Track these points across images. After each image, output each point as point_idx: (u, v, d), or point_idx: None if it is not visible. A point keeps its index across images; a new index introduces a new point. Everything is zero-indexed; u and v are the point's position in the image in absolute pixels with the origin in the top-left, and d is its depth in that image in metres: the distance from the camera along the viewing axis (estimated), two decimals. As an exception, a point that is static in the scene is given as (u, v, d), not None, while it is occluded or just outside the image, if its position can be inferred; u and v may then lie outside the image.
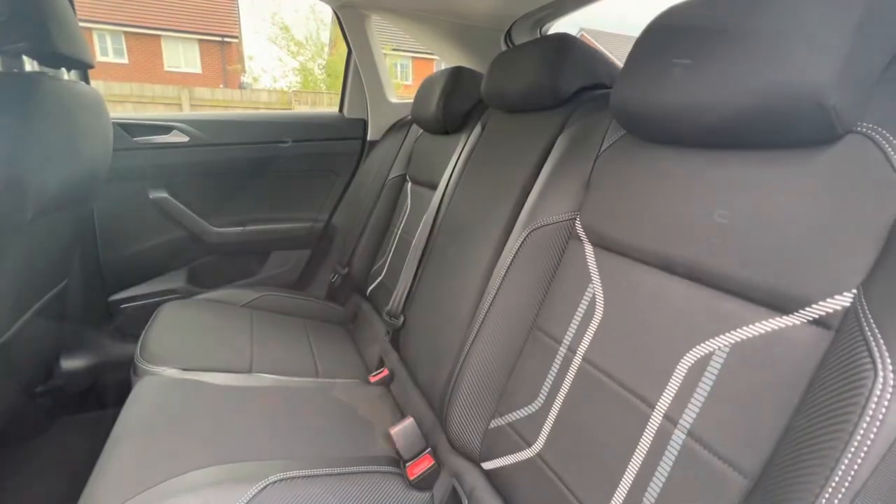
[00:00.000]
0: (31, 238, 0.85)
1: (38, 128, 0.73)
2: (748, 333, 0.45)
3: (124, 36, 12.87)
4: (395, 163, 1.45)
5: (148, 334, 1.00)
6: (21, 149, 0.70)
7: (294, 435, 0.78)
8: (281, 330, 1.21)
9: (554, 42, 0.79)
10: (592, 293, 0.63)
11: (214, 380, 0.89)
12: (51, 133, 0.77)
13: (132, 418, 0.74)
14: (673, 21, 0.54)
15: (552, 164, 0.75)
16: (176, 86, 8.33)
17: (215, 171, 1.41)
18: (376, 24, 1.48)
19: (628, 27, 32.18)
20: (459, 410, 0.74)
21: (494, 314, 0.73)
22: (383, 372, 1.07)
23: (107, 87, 7.72)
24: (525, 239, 0.72)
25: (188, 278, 1.44)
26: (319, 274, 1.60)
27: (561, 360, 0.64)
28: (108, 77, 11.13)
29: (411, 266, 1.08)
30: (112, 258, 1.33)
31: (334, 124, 1.54)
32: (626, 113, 0.58)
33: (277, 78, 12.38)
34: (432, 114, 1.17)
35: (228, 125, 1.41)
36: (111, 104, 4.66)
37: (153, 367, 0.90)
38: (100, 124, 0.98)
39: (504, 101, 0.93)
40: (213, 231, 1.42)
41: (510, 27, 1.39)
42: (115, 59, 13.02)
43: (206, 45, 13.62)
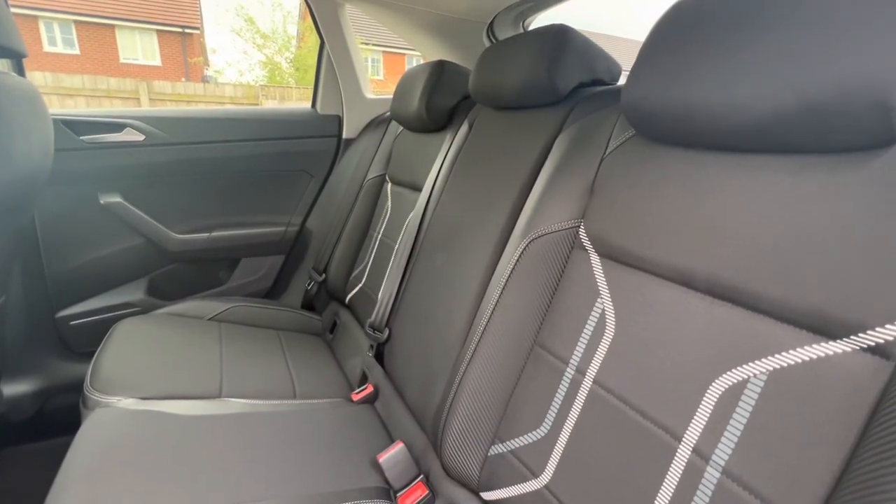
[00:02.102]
0: None
1: None
2: (788, 360, 0.40)
3: (74, 25, 12.09)
4: (374, 162, 1.37)
5: (99, 358, 0.89)
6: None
7: (271, 470, 0.70)
8: (253, 345, 1.11)
9: (552, 34, 0.73)
10: (602, 309, 0.58)
11: (178, 409, 0.79)
12: None
13: (78, 462, 0.64)
14: (698, 5, 0.48)
15: (552, 166, 0.70)
16: (133, 79, 7.88)
17: (176, 172, 1.29)
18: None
19: (620, 30, 32.43)
20: (455, 435, 0.67)
21: (492, 331, 0.66)
22: (367, 388, 1.00)
23: (56, 79, 7.23)
24: (525, 249, 0.66)
25: (148, 290, 1.31)
26: (294, 281, 1.50)
27: (569, 382, 0.58)
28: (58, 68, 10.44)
29: (395, 275, 1.01)
30: (58, 271, 1.20)
31: (307, 121, 1.44)
32: (640, 112, 0.53)
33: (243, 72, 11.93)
34: (414, 111, 1.09)
35: (189, 122, 1.29)
36: (61, 98, 4.34)
37: (105, 398, 0.80)
38: (37, 122, 0.86)
39: (495, 98, 0.86)
40: (175, 238, 1.30)
41: (492, 20, 1.32)
42: (66, 49, 12.23)
43: (166, 35, 12.97)
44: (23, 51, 0.82)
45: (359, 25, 9.42)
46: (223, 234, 1.37)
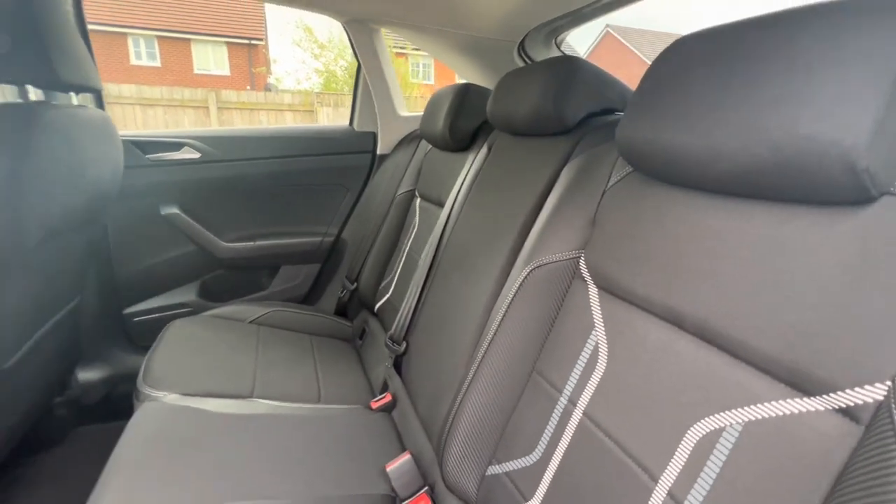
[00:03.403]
0: (40, 260, 0.86)
1: (39, 159, 0.74)
2: (764, 412, 0.40)
3: (157, 40, 13.32)
4: (405, 177, 1.43)
5: (152, 356, 1.01)
6: (21, 181, 0.70)
7: (290, 470, 0.76)
8: (287, 349, 1.20)
9: (560, 66, 0.75)
10: (595, 341, 0.59)
11: (213, 407, 0.88)
12: (52, 162, 0.77)
13: (127, 450, 0.73)
14: (688, 53, 0.49)
15: (557, 195, 0.71)
16: (204, 88, 8.54)
17: (226, 186, 1.41)
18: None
19: (657, 23, 31.20)
20: (456, 452, 0.70)
21: (493, 354, 0.69)
22: (386, 397, 1.05)
23: (139, 90, 7.99)
24: (527, 277, 0.68)
25: (199, 292, 1.45)
26: (329, 288, 1.59)
27: (561, 411, 0.60)
28: (141, 81, 11.53)
29: (415, 290, 1.06)
30: (126, 273, 1.35)
31: (344, 138, 1.53)
32: (632, 151, 0.54)
33: (301, 80, 12.56)
34: (440, 131, 1.14)
35: (239, 141, 1.41)
36: (143, 107, 4.83)
37: (154, 392, 0.90)
38: (108, 147, 0.99)
39: (509, 125, 0.89)
40: (223, 246, 1.43)
41: (523, 38, 1.34)
42: (149, 62, 13.49)
43: (234, 47, 13.96)
44: (99, 87, 0.94)
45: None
46: (266, 243, 1.48)
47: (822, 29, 0.36)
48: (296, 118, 8.94)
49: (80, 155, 0.86)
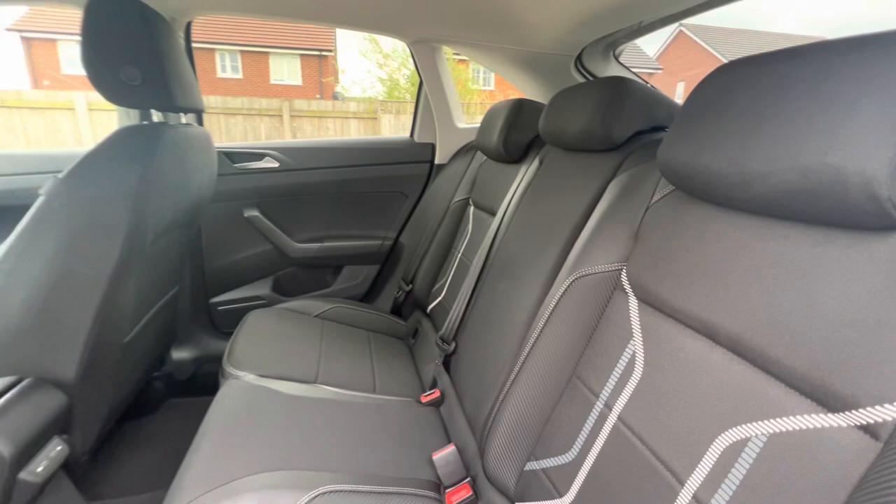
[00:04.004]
0: (153, 254, 1.03)
1: (159, 170, 0.89)
2: (789, 426, 0.42)
3: (240, 54, 14.56)
4: (460, 186, 1.50)
5: (235, 340, 1.15)
6: (145, 188, 0.85)
7: (346, 449, 0.85)
8: (346, 342, 1.31)
9: (609, 86, 0.78)
10: (633, 351, 0.62)
11: (283, 388, 1.00)
12: (167, 173, 0.92)
13: (215, 418, 0.86)
14: (728, 79, 0.51)
15: (602, 209, 0.74)
16: (278, 98, 9.22)
17: (299, 192, 1.57)
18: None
19: (733, 20, 28.88)
20: (497, 447, 0.76)
21: (534, 358, 0.73)
22: (435, 393, 1.12)
23: (223, 101, 8.78)
24: (569, 286, 0.72)
25: (273, 287, 1.61)
26: (386, 289, 1.70)
27: (597, 415, 0.63)
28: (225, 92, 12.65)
29: (465, 293, 1.12)
30: (214, 267, 1.54)
31: (404, 149, 1.63)
32: (672, 171, 0.56)
33: (366, 88, 13.12)
34: (494, 144, 1.20)
35: (312, 151, 1.56)
36: (226, 117, 5.40)
37: (236, 372, 1.04)
38: (206, 158, 1.15)
39: (560, 140, 0.93)
40: (294, 246, 1.58)
41: (581, 52, 1.37)
42: (232, 75, 14.77)
43: (306, 59, 14.91)
44: (202, 107, 1.11)
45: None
46: (331, 245, 1.62)
47: (852, 63, 0.38)
48: (360, 125, 9.36)
49: (186, 166, 1.01)
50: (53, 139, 7.12)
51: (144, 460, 1.27)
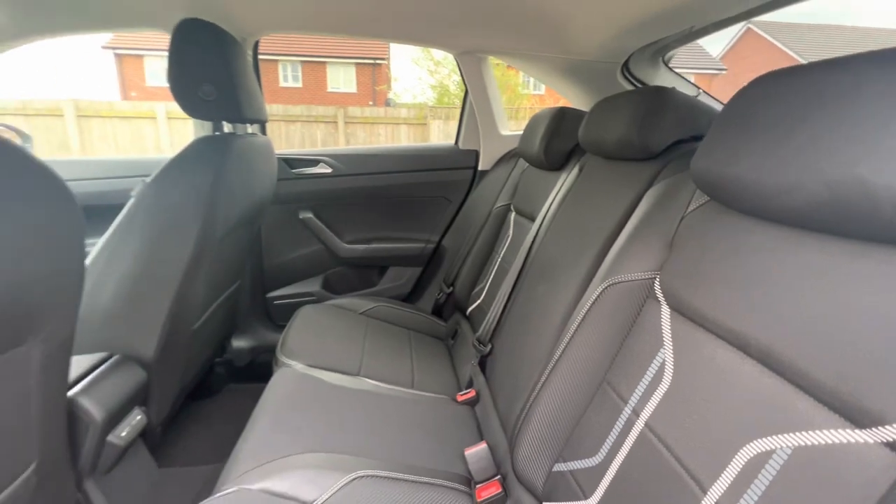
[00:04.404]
0: (219, 252, 1.15)
1: (228, 175, 0.99)
2: (815, 439, 0.41)
3: (301, 65, 15.39)
4: (502, 192, 1.53)
5: (288, 332, 1.25)
6: (216, 192, 0.96)
7: (383, 438, 0.91)
8: (389, 339, 1.37)
9: (647, 97, 0.78)
10: (663, 359, 0.62)
11: (329, 378, 1.07)
12: (235, 179, 1.03)
13: (269, 401, 0.95)
14: (764, 91, 0.51)
15: (637, 217, 0.75)
16: (334, 106, 9.66)
17: (350, 196, 1.67)
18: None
19: (805, 16, 26.64)
20: (526, 447, 0.78)
21: (565, 361, 0.75)
22: (470, 392, 1.15)
23: (285, 109, 9.33)
24: (602, 293, 0.73)
25: (322, 284, 1.72)
26: (428, 290, 1.76)
27: (624, 420, 0.64)
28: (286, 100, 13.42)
29: (503, 297, 1.15)
30: (271, 264, 1.67)
31: (449, 155, 1.68)
32: (705, 180, 0.57)
33: (416, 95, 13.41)
34: (535, 151, 1.22)
35: (362, 158, 1.65)
36: (287, 123, 5.87)
37: (288, 361, 1.13)
38: (268, 165, 1.26)
39: (599, 149, 0.94)
40: (343, 247, 1.68)
41: (627, 59, 1.35)
42: (293, 84, 15.64)
43: (361, 67, 15.49)
44: (265, 118, 1.21)
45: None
46: (377, 246, 1.70)
47: (888, 77, 0.38)
48: (409, 130, 9.59)
49: (251, 172, 1.12)
50: (138, 145, 7.89)
51: (206, 436, 1.40)
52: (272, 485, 0.73)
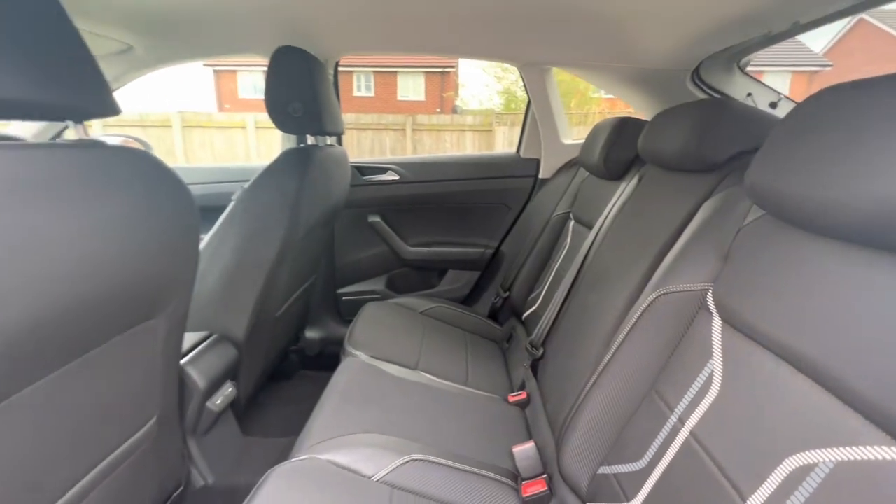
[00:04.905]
0: (300, 249, 1.29)
1: (311, 183, 1.13)
2: (857, 455, 0.42)
3: (373, 75, 16.17)
4: (562, 200, 1.55)
5: (355, 325, 1.37)
6: (300, 197, 1.09)
7: (436, 428, 0.98)
8: (445, 338, 1.45)
9: (707, 108, 0.78)
10: (711, 369, 0.63)
11: (390, 370, 1.17)
12: (316, 185, 1.16)
13: (336, 385, 1.06)
14: (822, 106, 0.51)
15: (693, 228, 0.75)
16: (402, 114, 10.04)
17: (415, 201, 1.77)
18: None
19: None
20: (572, 448, 0.80)
21: (613, 367, 0.77)
22: (522, 394, 1.19)
23: (357, 118, 9.87)
24: (653, 302, 0.74)
25: (386, 284, 1.84)
26: (485, 294, 1.81)
27: (669, 428, 0.65)
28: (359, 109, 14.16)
29: (557, 302, 1.17)
30: (342, 263, 1.82)
31: (510, 163, 1.73)
32: (758, 193, 0.57)
33: (483, 101, 13.53)
34: (595, 160, 1.23)
35: (428, 166, 1.75)
36: (359, 131, 6.32)
37: (354, 351, 1.24)
38: (344, 173, 1.39)
39: (658, 160, 0.94)
40: (407, 249, 1.78)
41: (698, 66, 1.32)
42: (366, 93, 16.47)
43: (430, 75, 15.93)
44: (342, 131, 1.35)
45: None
46: (438, 250, 1.78)
47: None
48: (475, 137, 9.70)
49: (329, 179, 1.25)
50: (230, 151, 8.76)
51: (281, 413, 1.55)
52: (337, 457, 0.82)
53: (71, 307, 0.51)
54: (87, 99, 0.53)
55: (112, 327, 0.62)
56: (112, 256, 0.56)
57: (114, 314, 0.61)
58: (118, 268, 0.57)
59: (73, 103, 0.51)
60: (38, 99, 0.46)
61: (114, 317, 0.62)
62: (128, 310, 0.64)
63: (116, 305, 0.60)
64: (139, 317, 0.68)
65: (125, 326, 0.65)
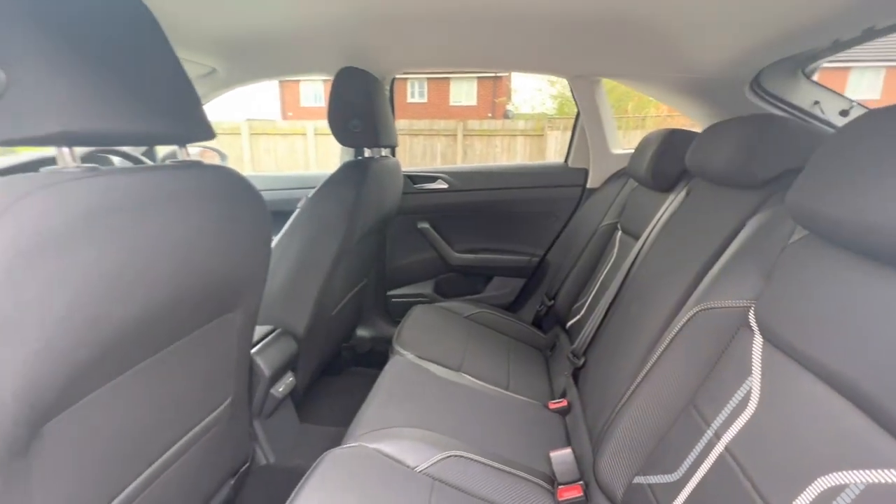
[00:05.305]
0: (354, 253, 1.39)
1: (366, 193, 1.22)
2: (889, 478, 0.42)
3: (426, 82, 16.52)
4: (610, 210, 1.54)
5: (402, 326, 1.45)
6: (357, 206, 1.19)
7: (476, 428, 1.02)
8: (489, 343, 1.49)
9: (754, 124, 0.77)
10: (749, 387, 0.63)
11: (434, 370, 1.23)
12: (371, 194, 1.25)
13: (384, 381, 1.13)
14: (868, 127, 0.51)
15: (738, 245, 0.75)
16: (454, 120, 10.18)
17: (463, 209, 1.83)
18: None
19: None
20: (609, 456, 0.82)
21: (651, 380, 0.78)
22: (563, 402, 1.21)
23: (410, 124, 10.13)
24: (693, 317, 0.75)
25: (434, 288, 1.91)
26: (530, 301, 1.83)
27: (705, 442, 0.66)
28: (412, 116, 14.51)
29: (600, 312, 1.18)
30: (392, 267, 1.92)
31: (558, 173, 1.75)
32: (800, 213, 0.57)
33: (535, 106, 13.40)
34: (643, 171, 1.23)
35: (476, 175, 1.81)
36: (411, 137, 6.58)
37: (401, 350, 1.31)
38: (396, 182, 1.48)
39: (705, 173, 0.93)
40: (454, 255, 1.85)
41: (758, 74, 1.28)
42: (419, 99, 16.85)
43: (482, 81, 16.01)
44: (396, 143, 1.44)
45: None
46: (485, 257, 1.83)
47: None
48: (526, 142, 9.63)
49: (383, 189, 1.34)
50: (291, 157, 9.32)
51: (334, 404, 1.66)
52: (383, 447, 0.89)
53: (169, 302, 0.62)
54: (191, 127, 0.64)
55: (199, 319, 0.73)
56: (202, 258, 0.66)
57: (201, 308, 0.72)
58: (207, 268, 0.68)
59: (180, 132, 0.62)
60: (159, 131, 0.56)
61: (201, 310, 0.72)
62: (212, 304, 0.74)
63: (203, 300, 0.71)
64: (221, 310, 0.78)
65: (209, 318, 0.76)
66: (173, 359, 0.69)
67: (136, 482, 0.66)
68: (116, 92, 0.52)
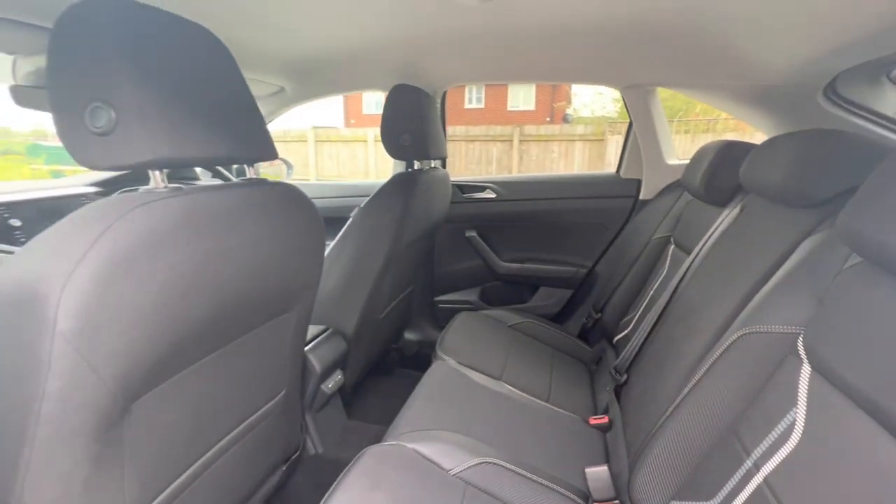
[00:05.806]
0: (404, 258, 1.46)
1: (415, 204, 1.28)
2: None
3: (484, 87, 16.57)
4: (663, 223, 1.49)
5: (446, 332, 1.49)
6: (405, 215, 1.25)
7: (513, 438, 1.04)
8: (531, 354, 1.49)
9: (812, 141, 0.73)
10: (794, 418, 0.60)
11: (475, 377, 1.26)
12: (420, 205, 1.31)
13: (425, 385, 1.18)
14: None
15: (789, 266, 0.71)
16: (511, 125, 10.13)
17: (510, 218, 1.85)
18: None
19: None
20: (644, 476, 0.81)
21: (690, 402, 0.76)
22: (604, 418, 1.19)
23: (466, 130, 10.22)
24: (736, 340, 0.72)
25: (479, 295, 1.94)
26: (576, 313, 1.80)
27: (744, 472, 0.64)
28: (468, 122, 14.62)
29: (646, 328, 1.15)
30: (440, 273, 1.97)
31: (609, 184, 1.71)
32: (850, 237, 0.54)
33: (595, 110, 13.00)
34: (697, 184, 1.18)
35: (525, 185, 1.82)
36: (467, 143, 6.71)
37: (444, 356, 1.35)
38: (444, 192, 1.53)
39: (758, 189, 0.89)
40: (500, 264, 1.87)
41: (833, 79, 1.18)
42: (476, 105, 16.94)
43: (541, 85, 15.78)
44: (445, 155, 1.49)
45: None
46: (531, 266, 1.83)
47: None
48: (584, 147, 9.36)
49: (431, 200, 1.40)
50: (352, 163, 9.76)
51: (380, 403, 1.74)
52: (421, 448, 0.93)
53: (234, 303, 0.70)
54: (258, 148, 0.72)
55: (259, 318, 0.82)
56: (263, 265, 0.74)
57: (262, 307, 0.80)
58: (267, 272, 0.76)
59: (249, 153, 0.70)
60: (232, 153, 0.65)
61: (261, 310, 0.81)
62: (271, 304, 0.83)
63: (264, 301, 0.79)
64: (279, 310, 0.87)
65: (268, 317, 0.84)
66: (235, 353, 0.78)
67: (203, 459, 0.75)
68: (199, 121, 0.61)
